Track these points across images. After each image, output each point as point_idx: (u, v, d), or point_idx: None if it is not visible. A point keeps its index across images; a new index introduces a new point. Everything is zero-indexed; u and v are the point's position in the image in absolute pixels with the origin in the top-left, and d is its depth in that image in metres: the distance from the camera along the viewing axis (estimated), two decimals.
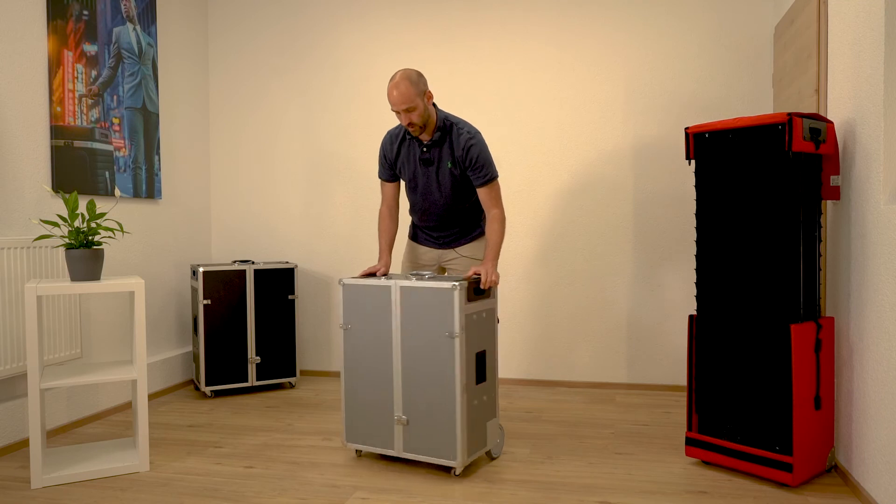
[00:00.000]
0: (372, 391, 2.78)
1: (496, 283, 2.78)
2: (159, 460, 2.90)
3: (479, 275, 2.76)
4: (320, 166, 4.44)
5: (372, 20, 4.33)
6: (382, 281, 2.74)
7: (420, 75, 2.77)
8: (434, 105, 2.87)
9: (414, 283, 2.69)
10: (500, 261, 4.21)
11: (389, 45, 4.31)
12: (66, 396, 3.35)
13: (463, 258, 3.02)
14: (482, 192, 2.86)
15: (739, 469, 2.66)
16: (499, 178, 4.19)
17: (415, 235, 3.13)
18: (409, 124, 2.77)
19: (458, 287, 2.60)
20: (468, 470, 2.76)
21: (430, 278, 2.73)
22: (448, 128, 2.85)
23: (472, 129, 2.87)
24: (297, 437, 3.20)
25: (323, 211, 4.45)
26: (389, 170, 3.02)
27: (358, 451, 2.94)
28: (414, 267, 3.11)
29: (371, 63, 4.34)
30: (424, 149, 2.88)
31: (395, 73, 2.75)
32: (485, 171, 2.83)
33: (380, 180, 3.09)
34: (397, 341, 2.73)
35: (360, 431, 2.82)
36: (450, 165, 2.87)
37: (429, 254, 3.09)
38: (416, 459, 2.78)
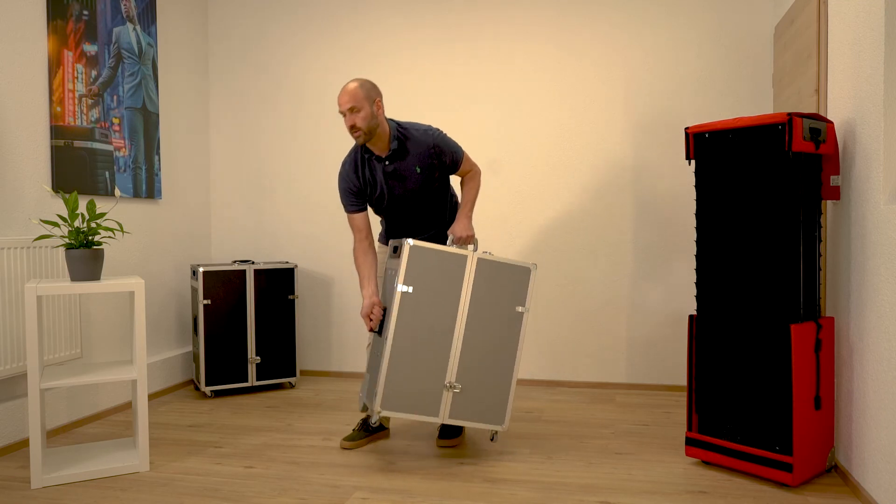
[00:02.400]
0: (422, 358, 2.75)
1: (470, 240, 2.89)
2: (159, 460, 2.90)
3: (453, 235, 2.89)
4: (320, 166, 4.44)
5: (372, 20, 4.33)
6: (457, 249, 2.78)
7: (373, 85, 2.80)
8: (388, 119, 2.85)
9: (490, 256, 2.80)
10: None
11: (390, 45, 4.31)
12: (66, 396, 3.35)
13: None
14: (459, 172, 2.99)
15: (739, 469, 2.66)
16: (499, 176, 4.19)
17: (388, 238, 3.12)
18: (353, 127, 2.73)
19: (535, 267, 2.85)
20: (468, 470, 2.77)
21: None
22: (404, 136, 2.84)
23: (425, 126, 2.90)
24: (297, 437, 3.20)
25: (323, 211, 4.45)
26: (357, 198, 2.91)
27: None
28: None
29: (371, 63, 4.34)
30: (387, 162, 2.85)
31: (349, 80, 2.80)
32: (457, 156, 2.93)
33: (348, 216, 2.94)
34: (464, 310, 2.77)
35: (400, 398, 2.73)
36: (418, 170, 2.87)
37: None
38: (462, 425, 2.80)
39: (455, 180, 4.11)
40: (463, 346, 2.78)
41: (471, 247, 2.83)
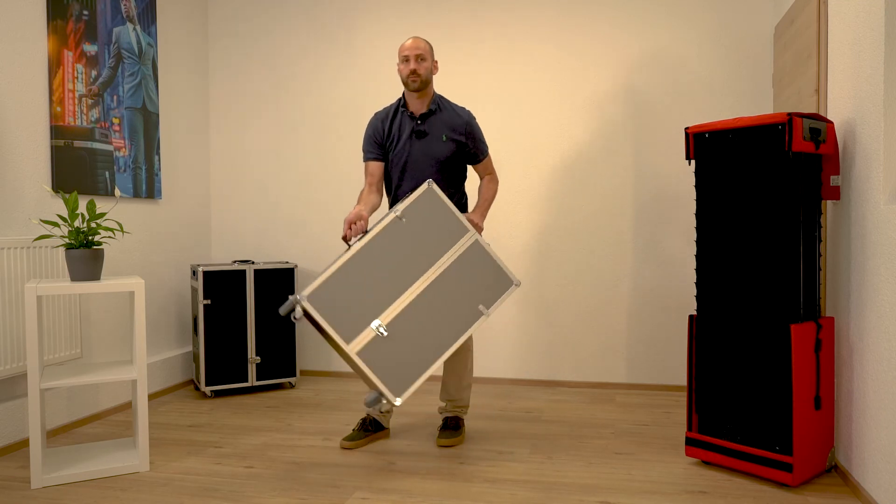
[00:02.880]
0: (371, 285, 2.67)
1: (478, 229, 2.97)
2: (159, 460, 2.90)
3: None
4: (320, 166, 4.44)
5: (372, 21, 4.33)
6: (465, 218, 2.78)
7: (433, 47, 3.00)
8: (434, 88, 3.06)
9: (487, 246, 2.81)
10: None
11: (390, 45, 4.31)
12: (66, 396, 3.35)
13: None
14: (479, 166, 3.11)
15: (739, 469, 2.66)
16: (499, 177, 4.19)
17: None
18: (414, 72, 2.90)
19: (519, 285, 2.84)
20: (468, 470, 2.76)
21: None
22: (444, 105, 3.02)
23: (464, 108, 3.10)
24: (297, 437, 3.20)
25: (323, 211, 4.45)
26: (379, 147, 3.03)
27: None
28: None
29: (372, 63, 4.34)
30: (418, 121, 2.98)
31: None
32: (483, 146, 3.07)
33: (365, 163, 3.07)
34: (434, 273, 2.73)
35: (328, 304, 2.63)
36: (445, 138, 2.97)
37: None
38: (363, 370, 2.66)
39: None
40: (412, 303, 2.70)
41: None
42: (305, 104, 4.45)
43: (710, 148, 2.75)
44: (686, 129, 2.83)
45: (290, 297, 2.66)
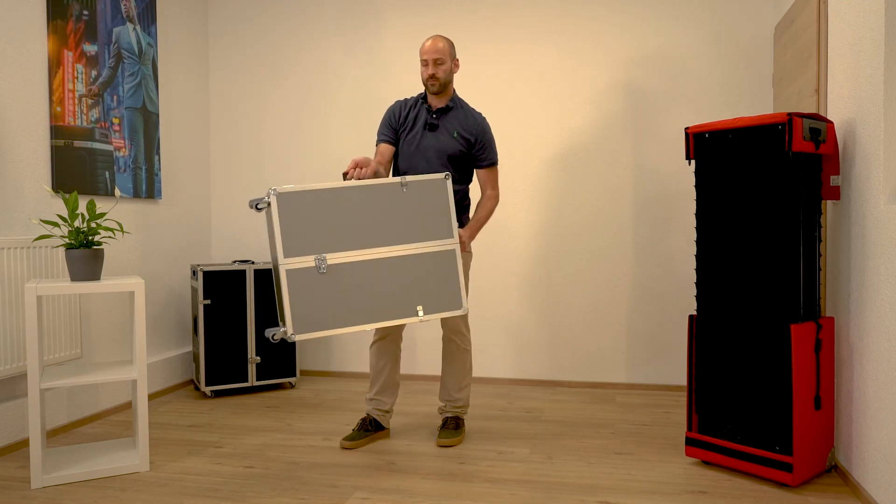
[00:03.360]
0: (334, 219, 2.61)
1: (464, 247, 2.98)
2: (159, 460, 2.90)
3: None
4: (321, 166, 4.44)
5: (373, 21, 4.33)
6: (456, 225, 2.78)
7: (454, 44, 3.03)
8: (455, 90, 3.07)
9: (458, 263, 2.76)
10: (500, 260, 4.21)
11: (390, 45, 4.31)
12: (66, 396, 3.35)
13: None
14: (483, 174, 3.10)
15: (739, 469, 2.66)
16: (499, 177, 4.19)
17: None
18: (433, 76, 2.96)
19: (465, 311, 2.77)
20: (468, 470, 2.76)
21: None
22: (462, 106, 3.07)
23: (480, 113, 3.13)
24: (297, 437, 3.20)
25: None
26: (392, 131, 3.07)
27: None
28: None
29: (372, 64, 4.34)
30: (434, 114, 3.02)
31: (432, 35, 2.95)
32: (491, 154, 3.07)
33: (376, 144, 3.12)
34: (392, 253, 2.67)
35: (289, 211, 2.56)
36: (455, 135, 3.01)
37: None
38: (279, 296, 2.60)
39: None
40: (364, 262, 2.62)
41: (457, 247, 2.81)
42: (306, 103, 4.45)
43: (710, 148, 2.75)
44: (686, 129, 2.83)
45: (269, 190, 2.61)
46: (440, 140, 3.02)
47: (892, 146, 2.31)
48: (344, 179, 2.76)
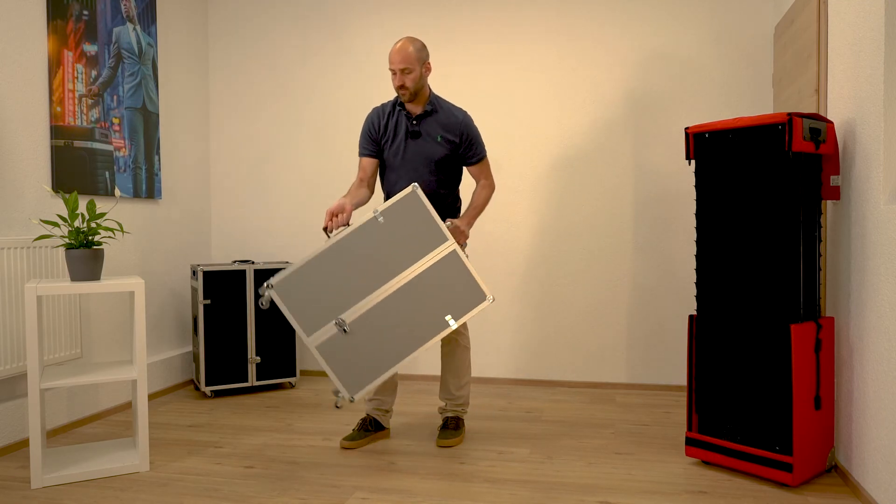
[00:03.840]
0: (339, 282, 2.67)
1: (462, 237, 2.90)
2: (159, 460, 2.90)
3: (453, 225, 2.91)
4: (320, 166, 4.44)
5: (372, 23, 4.33)
6: (444, 227, 2.75)
7: (424, 46, 2.90)
8: (431, 90, 2.97)
9: (464, 258, 2.76)
10: (499, 260, 4.21)
11: (390, 45, 4.31)
12: (66, 396, 3.35)
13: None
14: (474, 169, 3.04)
15: (739, 469, 2.66)
16: (500, 177, 4.19)
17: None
18: (402, 87, 2.86)
19: (492, 300, 2.76)
20: (468, 470, 2.76)
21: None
22: (441, 106, 2.98)
23: (460, 108, 3.03)
24: (297, 437, 3.20)
25: (323, 211, 4.45)
26: (373, 144, 3.02)
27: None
28: None
29: (372, 64, 4.34)
30: (414, 121, 2.95)
31: (403, 37, 2.84)
32: (478, 149, 3.01)
33: (359, 158, 3.06)
34: (406, 277, 2.70)
35: (294, 295, 2.64)
36: (440, 139, 2.94)
37: None
38: (322, 366, 2.68)
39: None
40: (379, 304, 2.69)
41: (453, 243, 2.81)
42: (306, 104, 4.45)
43: (710, 148, 2.75)
44: (686, 129, 2.83)
45: (264, 284, 2.67)
46: (425, 147, 2.96)
47: (892, 146, 2.31)
48: (326, 233, 2.79)
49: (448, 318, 2.73)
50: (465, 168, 3.12)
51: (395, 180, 3.02)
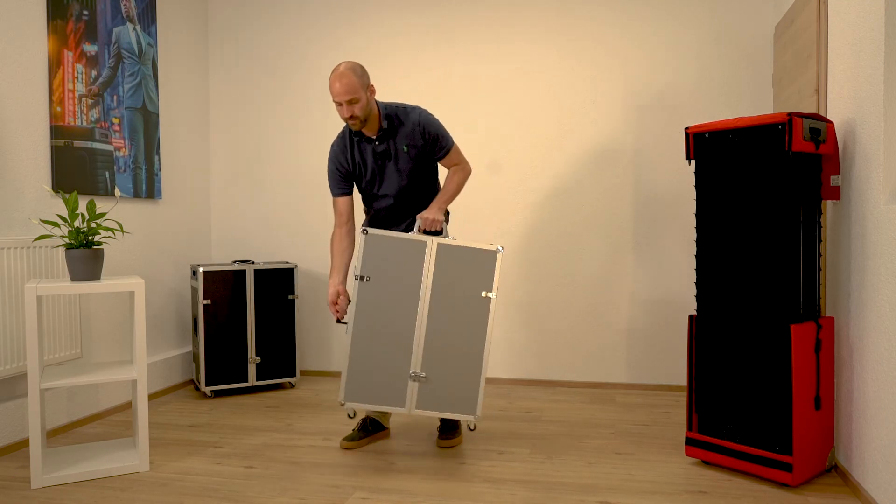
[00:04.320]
0: (385, 347, 2.71)
1: (436, 225, 2.85)
2: (159, 460, 2.90)
3: (424, 219, 2.86)
4: (321, 166, 4.44)
5: (372, 23, 4.33)
6: (414, 235, 2.75)
7: (363, 69, 2.78)
8: (375, 100, 2.89)
9: (452, 241, 2.75)
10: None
11: (389, 47, 4.31)
12: (66, 396, 3.35)
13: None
14: (445, 161, 2.98)
15: (739, 469, 2.66)
16: (499, 176, 4.19)
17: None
18: (351, 117, 2.75)
19: (501, 250, 2.74)
20: (468, 470, 2.77)
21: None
22: (393, 116, 2.88)
23: (410, 105, 2.93)
24: (297, 437, 3.20)
25: (323, 210, 4.45)
26: (345, 181, 2.95)
27: (351, 414, 2.88)
28: None
29: (372, 64, 4.34)
30: (377, 143, 2.88)
31: (339, 65, 2.74)
32: (444, 142, 2.93)
33: (333, 199, 2.97)
34: (426, 297, 2.72)
35: (364, 390, 2.71)
36: (405, 149, 2.89)
37: None
38: (430, 415, 2.74)
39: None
40: (427, 334, 2.72)
41: (433, 235, 2.81)
42: (306, 104, 4.45)
43: (710, 148, 2.75)
44: (686, 128, 2.83)
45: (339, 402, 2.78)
46: (398, 163, 2.90)
47: (892, 146, 2.31)
48: (341, 322, 2.85)
49: (483, 293, 2.76)
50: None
51: (378, 207, 2.99)
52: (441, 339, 2.73)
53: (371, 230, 2.75)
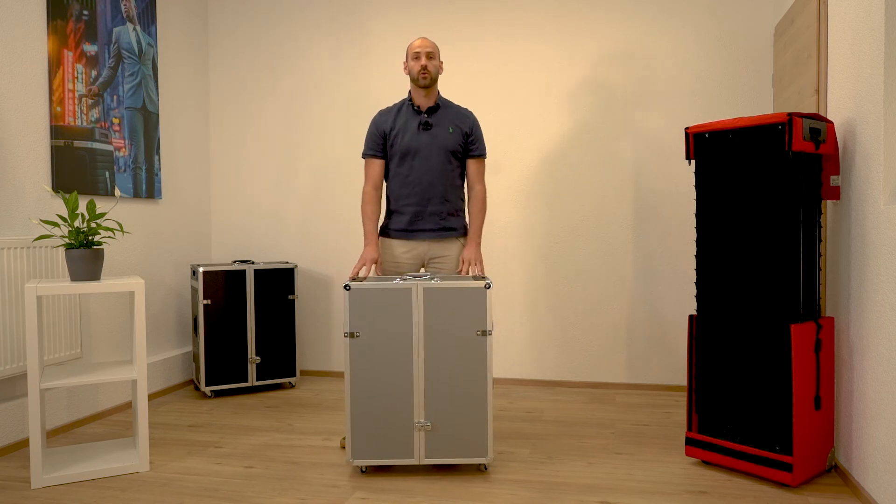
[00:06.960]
0: (385, 400, 2.68)
1: (478, 266, 3.00)
2: (159, 460, 2.90)
3: (467, 263, 3.01)
4: (320, 166, 4.44)
5: (372, 22, 4.33)
6: (398, 283, 2.67)
7: None
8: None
9: (438, 283, 2.66)
10: (499, 260, 4.21)
11: (389, 46, 4.31)
12: (66, 396, 3.35)
13: (451, 257, 3.04)
14: (473, 164, 3.09)
15: (739, 469, 2.66)
16: (499, 176, 4.19)
17: (388, 230, 3.07)
18: (424, 69, 2.95)
19: (489, 286, 2.68)
20: (468, 470, 2.77)
21: (441, 278, 2.72)
22: (446, 102, 3.10)
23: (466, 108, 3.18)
24: (297, 437, 3.20)
25: (323, 211, 4.45)
26: (381, 142, 3.03)
27: (362, 469, 2.81)
28: (396, 268, 3.04)
29: (372, 64, 4.34)
30: (425, 114, 3.02)
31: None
32: (482, 145, 3.10)
33: (365, 160, 3.11)
34: (419, 345, 2.66)
35: (370, 446, 2.69)
36: (451, 130, 3.02)
37: (410, 252, 3.02)
38: (442, 463, 2.73)
39: None
40: (426, 381, 2.67)
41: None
42: (305, 104, 4.45)
43: (710, 148, 2.75)
44: (686, 129, 2.83)
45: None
46: (439, 137, 2.99)
47: (892, 146, 2.31)
48: (352, 280, 2.78)
49: (478, 331, 2.68)
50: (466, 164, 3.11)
51: (407, 173, 2.99)
52: (441, 384, 2.67)
53: (353, 285, 2.67)
